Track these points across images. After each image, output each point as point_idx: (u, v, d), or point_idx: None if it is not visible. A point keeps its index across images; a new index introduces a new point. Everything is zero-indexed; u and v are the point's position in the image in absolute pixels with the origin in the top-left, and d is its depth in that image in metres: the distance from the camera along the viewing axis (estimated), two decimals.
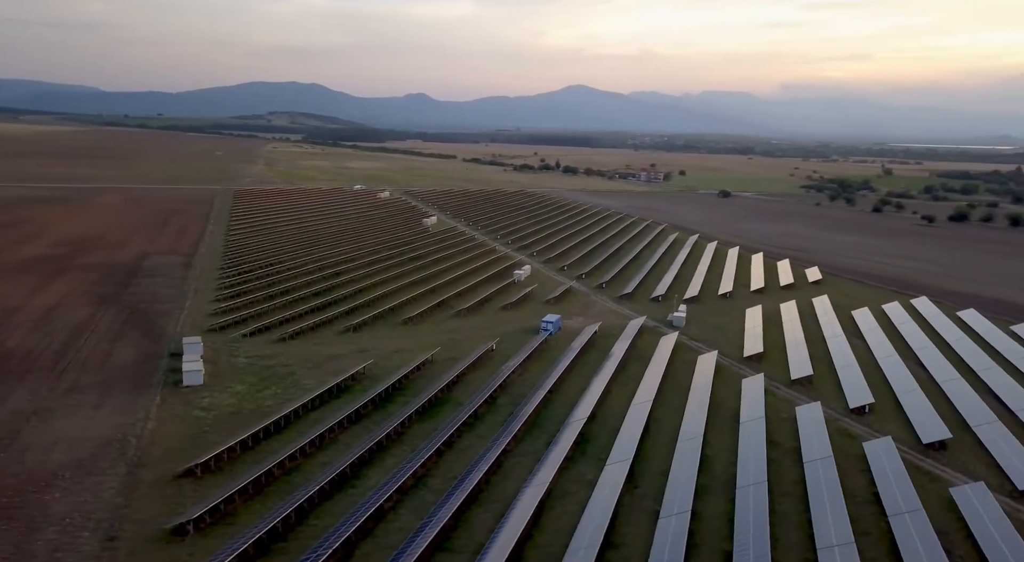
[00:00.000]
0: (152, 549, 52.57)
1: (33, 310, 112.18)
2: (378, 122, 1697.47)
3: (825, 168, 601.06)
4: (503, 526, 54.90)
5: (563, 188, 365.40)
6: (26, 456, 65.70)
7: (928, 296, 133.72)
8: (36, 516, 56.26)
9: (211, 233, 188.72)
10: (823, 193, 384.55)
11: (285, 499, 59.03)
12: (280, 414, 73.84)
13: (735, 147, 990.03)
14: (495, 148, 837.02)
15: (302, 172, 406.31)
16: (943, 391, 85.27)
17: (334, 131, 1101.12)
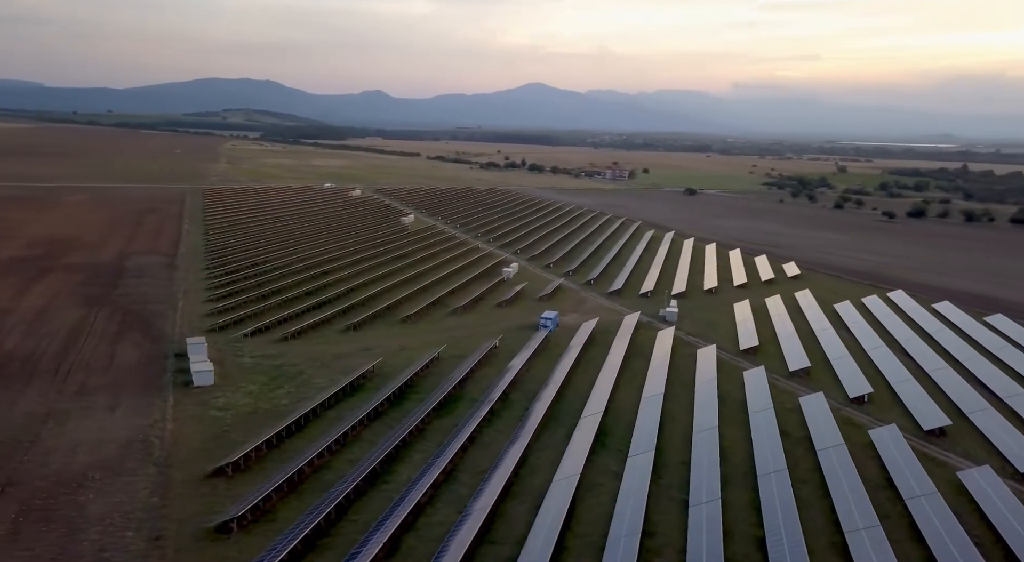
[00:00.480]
0: (199, 547, 53.08)
1: (24, 312, 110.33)
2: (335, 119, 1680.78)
3: (782, 166, 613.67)
4: (542, 517, 56.52)
5: (532, 186, 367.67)
6: (50, 458, 65.34)
7: (902, 289, 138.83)
8: (74, 517, 56.27)
9: (189, 233, 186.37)
10: (784, 190, 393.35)
11: (322, 496, 59.91)
12: (300, 413, 74.37)
13: (693, 145, 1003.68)
14: (457, 146, 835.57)
15: (267, 170, 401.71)
16: (933, 380, 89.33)
17: (293, 128, 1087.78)
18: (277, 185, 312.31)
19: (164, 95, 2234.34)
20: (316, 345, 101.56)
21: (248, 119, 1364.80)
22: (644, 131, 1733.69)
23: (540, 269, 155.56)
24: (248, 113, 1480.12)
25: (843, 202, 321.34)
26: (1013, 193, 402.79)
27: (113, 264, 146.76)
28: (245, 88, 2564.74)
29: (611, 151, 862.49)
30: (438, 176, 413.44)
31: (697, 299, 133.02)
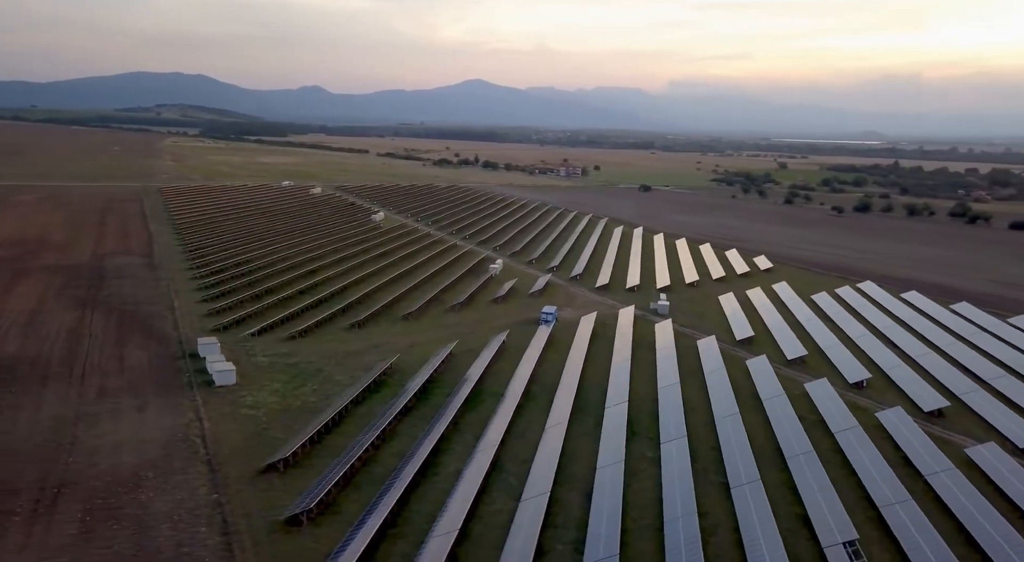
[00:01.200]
0: (274, 539, 54.36)
1: (14, 314, 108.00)
2: (273, 115, 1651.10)
3: (725, 162, 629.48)
4: (597, 502, 59.36)
5: (491, 183, 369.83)
6: (96, 459, 65.35)
7: (870, 280, 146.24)
8: (141, 515, 56.82)
9: (158, 233, 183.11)
10: (734, 186, 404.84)
11: (379, 488, 61.66)
12: (334, 410, 75.51)
13: (636, 142, 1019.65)
14: (403, 142, 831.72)
15: (216, 168, 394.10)
16: (921, 365, 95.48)
17: (232, 125, 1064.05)
18: (233, 183, 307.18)
19: (89, 89, 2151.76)
20: (325, 343, 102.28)
21: (183, 115, 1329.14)
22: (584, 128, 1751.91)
23: (523, 265, 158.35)
24: (183, 109, 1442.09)
25: (792, 197, 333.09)
26: (944, 188, 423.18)
27: (91, 265, 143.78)
28: (176, 82, 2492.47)
29: (557, 148, 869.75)
30: (394, 173, 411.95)
31: (681, 293, 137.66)
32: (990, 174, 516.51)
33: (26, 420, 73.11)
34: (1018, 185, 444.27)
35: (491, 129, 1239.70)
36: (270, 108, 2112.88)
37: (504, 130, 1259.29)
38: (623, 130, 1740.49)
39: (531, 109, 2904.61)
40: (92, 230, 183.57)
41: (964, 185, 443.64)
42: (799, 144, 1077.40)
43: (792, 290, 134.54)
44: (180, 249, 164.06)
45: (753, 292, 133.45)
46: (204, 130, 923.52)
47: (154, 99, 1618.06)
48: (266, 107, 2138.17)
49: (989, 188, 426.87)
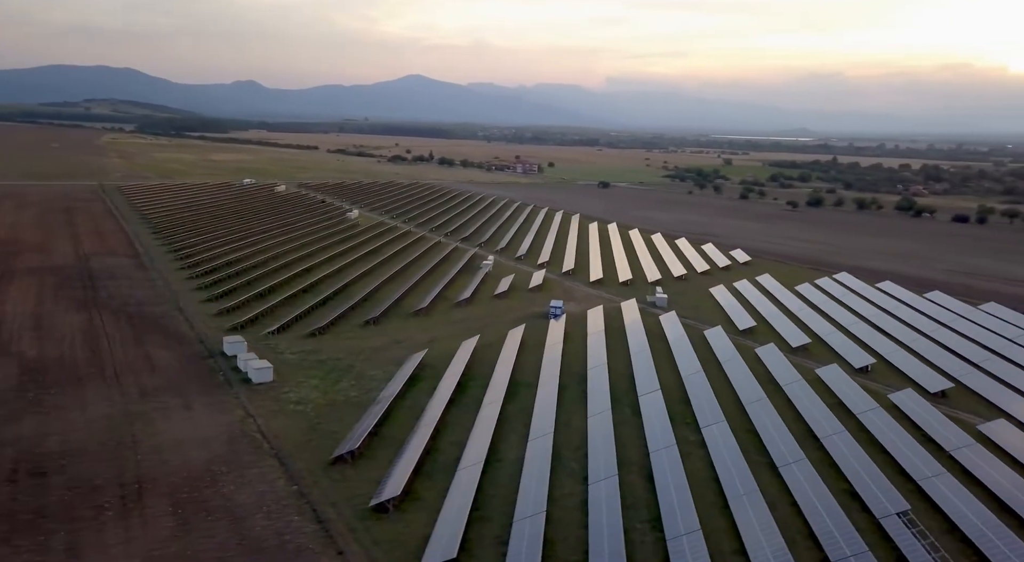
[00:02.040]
0: (367, 526, 56.58)
1: (19, 317, 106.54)
2: (206, 110, 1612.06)
3: (672, 159, 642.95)
4: (663, 483, 63.19)
5: (452, 180, 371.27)
6: (165, 456, 66.34)
7: (845, 272, 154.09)
8: (230, 507, 58.36)
9: (135, 233, 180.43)
10: (686, 182, 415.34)
11: (450, 475, 64.36)
12: (385, 404, 77.57)
13: (581, 139, 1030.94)
14: (349, 138, 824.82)
15: (168, 166, 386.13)
16: (914, 350, 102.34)
17: (169, 121, 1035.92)
18: (193, 182, 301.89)
19: (5, 83, 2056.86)
20: (345, 340, 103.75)
21: (115, 110, 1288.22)
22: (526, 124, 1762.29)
23: (513, 262, 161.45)
24: (114, 104, 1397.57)
25: (747, 193, 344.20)
26: (883, 183, 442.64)
27: (78, 266, 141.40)
28: (102, 76, 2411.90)
29: (504, 145, 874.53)
30: (352, 170, 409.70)
31: (671, 286, 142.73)
32: (922, 170, 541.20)
33: (79, 420, 73.37)
34: (950, 180, 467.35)
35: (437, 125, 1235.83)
36: (203, 103, 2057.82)
37: (450, 126, 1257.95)
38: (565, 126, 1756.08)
39: (472, 105, 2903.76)
40: (64, 230, 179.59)
41: (900, 180, 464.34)
42: (739, 141, 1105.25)
43: (777, 282, 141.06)
44: (163, 249, 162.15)
45: (741, 284, 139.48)
46: (140, 126, 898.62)
47: (79, 93, 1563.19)
48: (199, 102, 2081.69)
49: (924, 183, 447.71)
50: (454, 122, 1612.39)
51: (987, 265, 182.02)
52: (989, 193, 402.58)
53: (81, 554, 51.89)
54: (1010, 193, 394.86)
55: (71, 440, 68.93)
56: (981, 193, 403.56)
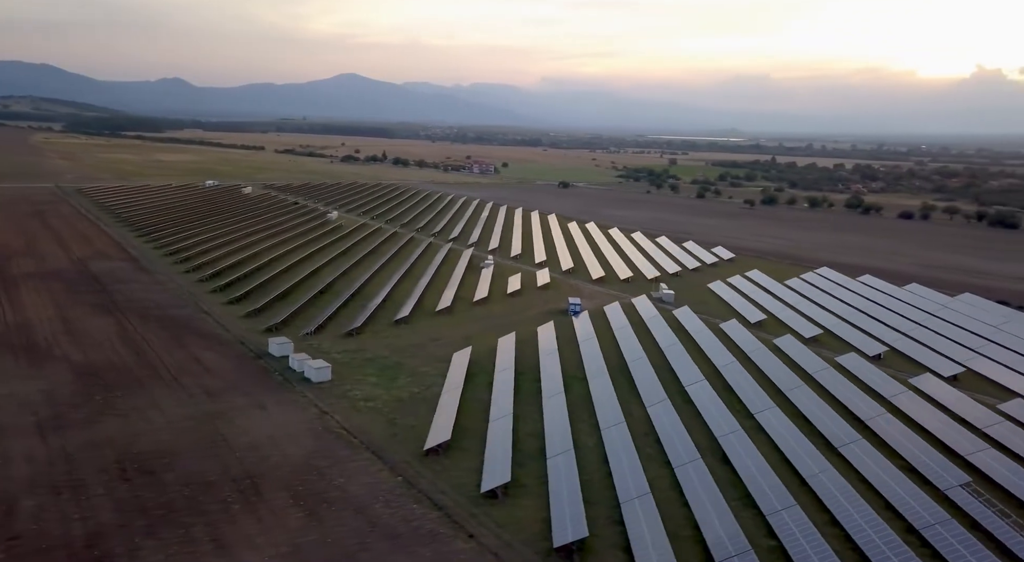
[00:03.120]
0: (483, 511, 60.25)
1: (47, 322, 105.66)
2: (132, 108, 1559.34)
3: (617, 159, 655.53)
4: (744, 466, 68.56)
5: (413, 180, 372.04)
6: (263, 452, 68.54)
7: (826, 266, 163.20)
8: (347, 497, 61.31)
9: (118, 236, 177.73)
10: (640, 182, 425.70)
11: (541, 462, 68.43)
12: (455, 398, 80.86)
13: (524, 139, 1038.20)
14: (289, 138, 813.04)
15: (118, 167, 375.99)
16: (915, 338, 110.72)
17: (97, 120, 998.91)
18: (154, 183, 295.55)
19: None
20: (383, 338, 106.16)
21: (36, 108, 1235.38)
22: (462, 123, 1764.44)
23: (510, 261, 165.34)
24: (34, 101, 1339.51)
25: (704, 192, 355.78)
26: (824, 182, 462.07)
27: (78, 270, 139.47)
28: (17, 72, 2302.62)
29: (449, 144, 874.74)
30: (309, 171, 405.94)
31: (669, 283, 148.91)
32: (856, 169, 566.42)
33: (160, 420, 74.65)
34: (884, 179, 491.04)
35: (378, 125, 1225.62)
36: (128, 101, 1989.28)
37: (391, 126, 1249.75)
38: (501, 125, 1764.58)
39: (408, 104, 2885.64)
40: (44, 234, 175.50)
41: (839, 179, 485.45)
42: (676, 141, 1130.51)
43: (768, 277, 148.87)
44: (155, 252, 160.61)
45: (735, 280, 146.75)
46: (68, 125, 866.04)
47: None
48: (123, 100, 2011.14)
49: (861, 182, 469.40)
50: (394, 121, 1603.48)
51: (946, 258, 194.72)
52: (921, 191, 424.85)
53: (227, 544, 54.14)
54: (940, 191, 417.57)
55: (162, 440, 70.30)
56: (914, 191, 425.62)
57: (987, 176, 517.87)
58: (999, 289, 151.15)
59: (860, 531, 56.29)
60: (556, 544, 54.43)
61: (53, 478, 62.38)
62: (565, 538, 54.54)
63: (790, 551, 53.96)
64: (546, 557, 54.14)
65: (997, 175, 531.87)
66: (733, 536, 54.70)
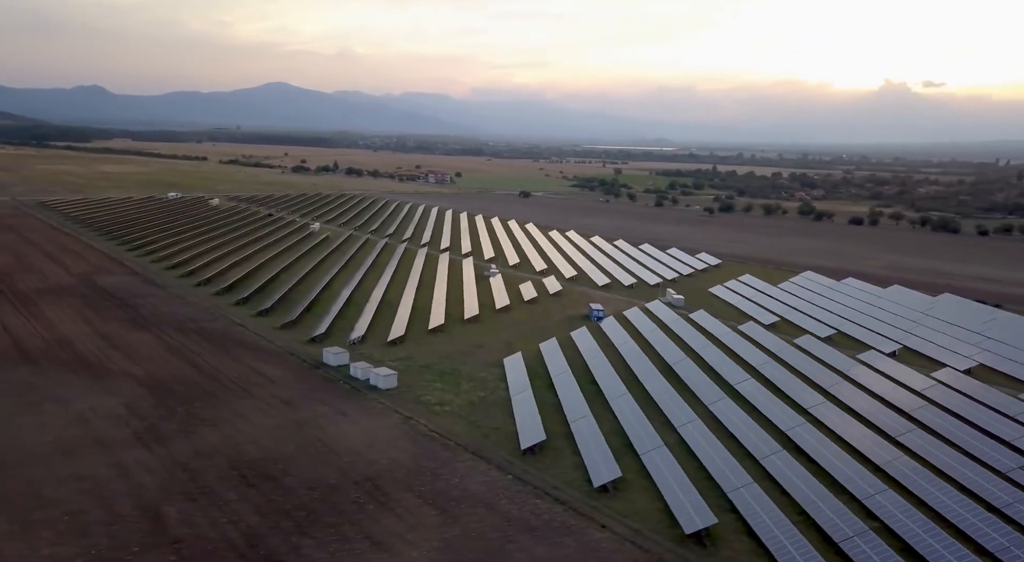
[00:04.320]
0: (603, 503, 64.25)
1: (87, 338, 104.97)
2: (49, 117, 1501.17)
3: (564, 169, 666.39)
4: (826, 462, 74.59)
5: (375, 190, 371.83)
6: (368, 456, 71.04)
7: (809, 270, 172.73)
8: (471, 495, 64.47)
9: (108, 249, 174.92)
10: (594, 191, 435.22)
11: (634, 457, 72.96)
12: (529, 400, 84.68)
13: (466, 148, 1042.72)
14: (226, 148, 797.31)
15: (65, 179, 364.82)
16: (919, 335, 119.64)
17: (16, 128, 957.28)
18: (115, 195, 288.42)
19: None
20: (426, 346, 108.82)
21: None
22: (395, 132, 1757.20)
23: (511, 270, 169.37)
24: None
25: (662, 200, 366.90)
26: (768, 190, 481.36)
27: (87, 285, 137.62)
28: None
29: (390, 153, 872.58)
30: (265, 182, 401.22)
31: (670, 287, 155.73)
32: (794, 177, 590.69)
33: (252, 430, 76.15)
34: (822, 186, 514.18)
35: (315, 134, 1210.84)
36: (44, 109, 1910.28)
37: (329, 135, 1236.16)
38: (435, 135, 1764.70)
39: (339, 113, 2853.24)
40: (28, 249, 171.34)
41: (780, 187, 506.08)
42: (613, 151, 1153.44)
43: (762, 281, 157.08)
44: (156, 266, 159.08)
45: (732, 285, 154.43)
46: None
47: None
48: (39, 108, 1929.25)
49: (801, 189, 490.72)
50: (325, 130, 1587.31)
51: (909, 261, 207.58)
52: (859, 198, 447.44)
53: (381, 542, 56.85)
54: (877, 198, 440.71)
55: (266, 447, 72.06)
56: (853, 198, 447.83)
57: (914, 183, 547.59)
58: (971, 289, 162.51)
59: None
60: (688, 531, 58.98)
61: (181, 486, 63.79)
62: (695, 526, 59.07)
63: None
64: (680, 543, 58.58)
65: (923, 182, 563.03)
66: (840, 514, 60.32)
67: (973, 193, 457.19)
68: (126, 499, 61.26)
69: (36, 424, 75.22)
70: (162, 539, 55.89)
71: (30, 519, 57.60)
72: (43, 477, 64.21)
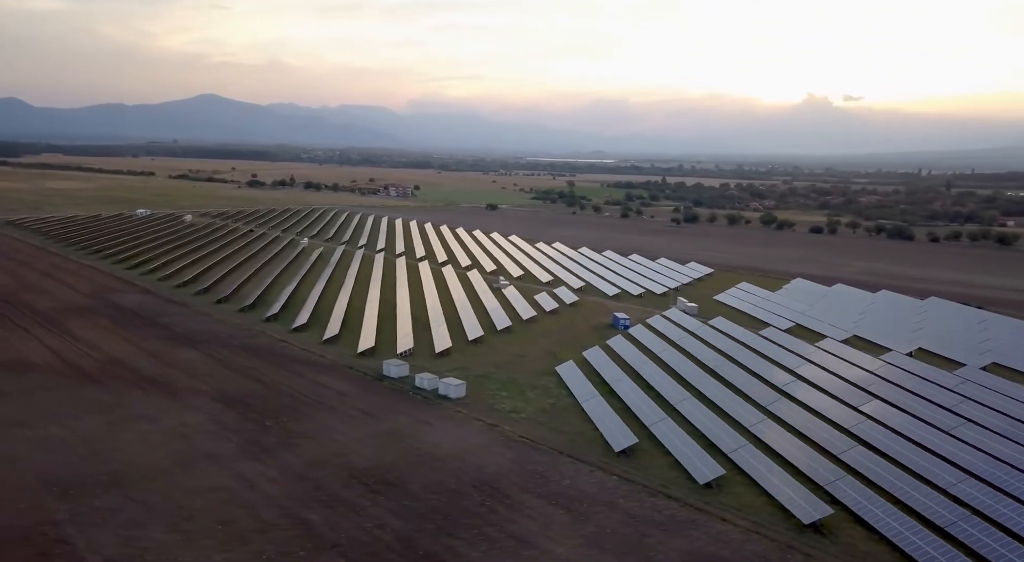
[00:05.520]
0: (712, 499, 68.49)
1: (135, 356, 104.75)
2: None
3: (517, 181, 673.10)
4: (901, 456, 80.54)
5: (343, 204, 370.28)
6: (472, 461, 73.48)
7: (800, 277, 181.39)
8: (589, 495, 67.82)
9: (106, 268, 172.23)
10: (556, 203, 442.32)
11: (721, 457, 77.54)
12: (601, 405, 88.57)
13: (411, 161, 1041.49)
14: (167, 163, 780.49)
15: (14, 195, 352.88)
16: (923, 335, 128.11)
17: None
18: (81, 213, 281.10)
19: None
20: (472, 356, 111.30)
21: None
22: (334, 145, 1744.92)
23: (519, 282, 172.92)
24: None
25: (627, 212, 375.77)
26: (723, 200, 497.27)
27: (107, 305, 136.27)
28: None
29: (336, 167, 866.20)
30: (224, 197, 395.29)
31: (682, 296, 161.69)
32: (740, 188, 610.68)
33: (350, 441, 77.88)
34: (771, 196, 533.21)
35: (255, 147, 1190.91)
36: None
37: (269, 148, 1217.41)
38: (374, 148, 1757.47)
39: (274, 126, 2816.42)
40: (20, 270, 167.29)
41: (731, 197, 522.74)
42: (558, 163, 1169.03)
43: (759, 288, 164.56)
44: (164, 284, 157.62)
45: (734, 292, 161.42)
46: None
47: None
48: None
49: (752, 199, 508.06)
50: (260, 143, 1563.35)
51: (880, 267, 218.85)
52: (808, 207, 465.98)
53: (526, 539, 59.81)
54: (824, 207, 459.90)
55: (370, 456, 74.01)
56: (801, 207, 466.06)
57: (854, 193, 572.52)
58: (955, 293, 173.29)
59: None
60: (806, 521, 63.54)
61: (309, 495, 65.55)
62: (811, 516, 63.62)
63: None
64: (800, 532, 62.98)
65: (861, 192, 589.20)
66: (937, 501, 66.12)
67: (912, 202, 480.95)
68: (267, 508, 62.86)
69: (139, 440, 75.69)
70: (321, 543, 57.82)
71: (185, 529, 58.86)
72: (175, 489, 65.27)
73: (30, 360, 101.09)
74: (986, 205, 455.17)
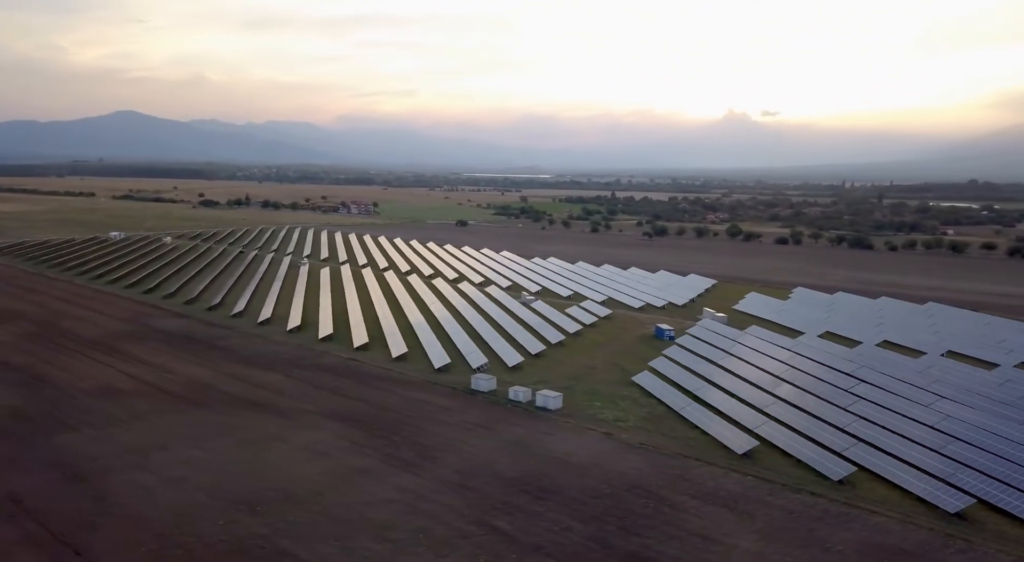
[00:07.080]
0: (850, 493, 73.79)
1: (219, 380, 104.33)
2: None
3: (469, 197, 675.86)
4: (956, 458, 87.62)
5: (309, 222, 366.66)
6: (613, 468, 76.92)
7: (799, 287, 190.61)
8: (739, 495, 71.98)
9: (119, 291, 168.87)
10: (519, 218, 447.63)
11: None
12: (705, 412, 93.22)
13: (354, 178, 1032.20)
14: (95, 182, 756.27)
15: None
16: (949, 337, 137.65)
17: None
18: (51, 237, 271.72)
19: None
20: (542, 370, 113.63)
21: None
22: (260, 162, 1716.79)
23: (545, 298, 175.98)
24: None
25: (596, 227, 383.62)
26: (678, 213, 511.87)
27: (151, 330, 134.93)
28: None
29: (277, 184, 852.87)
30: (184, 217, 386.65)
31: (692, 307, 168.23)
32: (687, 201, 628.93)
33: (486, 452, 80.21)
34: (721, 209, 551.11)
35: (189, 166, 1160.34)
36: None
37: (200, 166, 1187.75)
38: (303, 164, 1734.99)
39: (198, 142, 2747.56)
40: (33, 297, 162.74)
41: (685, 210, 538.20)
42: (498, 179, 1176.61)
43: (768, 297, 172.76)
44: (192, 308, 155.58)
45: (748, 302, 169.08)
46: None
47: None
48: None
49: (705, 212, 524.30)
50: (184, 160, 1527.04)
51: (860, 275, 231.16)
52: (759, 219, 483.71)
53: (708, 536, 63.52)
54: (775, 219, 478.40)
55: (512, 466, 76.45)
56: (753, 219, 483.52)
57: (798, 205, 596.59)
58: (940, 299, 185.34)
59: None
60: (951, 511, 69.12)
61: (480, 503, 67.71)
62: (956, 507, 69.36)
63: None
64: (948, 522, 67.48)
65: (803, 204, 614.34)
66: None
67: (854, 213, 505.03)
68: (452, 516, 65.25)
69: (284, 459, 76.67)
70: (523, 547, 60.60)
71: (390, 538, 60.91)
72: (351, 503, 67.06)
73: (115, 386, 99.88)
74: (922, 215, 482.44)
